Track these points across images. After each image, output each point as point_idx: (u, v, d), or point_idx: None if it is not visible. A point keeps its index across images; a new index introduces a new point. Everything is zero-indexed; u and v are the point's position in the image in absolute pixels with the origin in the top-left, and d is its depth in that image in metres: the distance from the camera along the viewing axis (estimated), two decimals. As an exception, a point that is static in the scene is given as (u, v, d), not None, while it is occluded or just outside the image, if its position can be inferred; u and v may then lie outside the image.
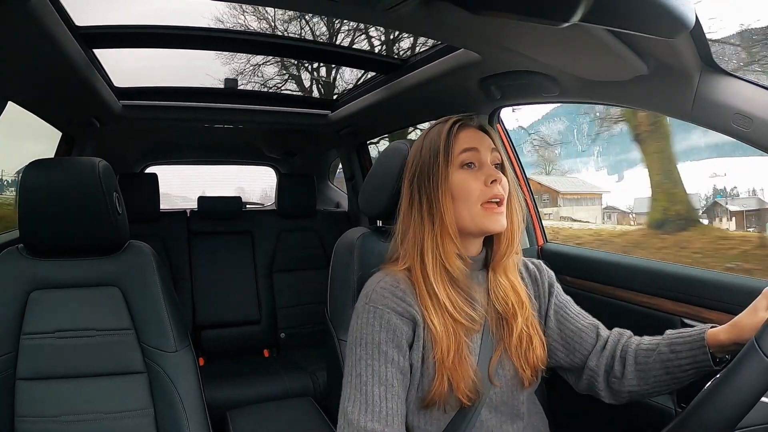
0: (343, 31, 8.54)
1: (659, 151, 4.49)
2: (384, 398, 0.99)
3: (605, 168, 6.43)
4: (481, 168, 1.09)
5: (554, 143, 6.98)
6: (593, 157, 6.52)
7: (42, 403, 1.40)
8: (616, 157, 6.30)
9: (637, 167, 5.97)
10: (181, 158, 4.17)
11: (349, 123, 2.83)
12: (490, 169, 1.09)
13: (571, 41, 1.20)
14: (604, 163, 6.43)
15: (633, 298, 1.65)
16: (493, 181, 1.07)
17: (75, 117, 2.32)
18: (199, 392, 1.48)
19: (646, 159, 4.68)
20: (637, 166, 5.93)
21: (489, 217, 1.07)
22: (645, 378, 1.10)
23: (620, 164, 6.25)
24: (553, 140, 6.99)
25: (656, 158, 4.54)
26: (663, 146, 4.46)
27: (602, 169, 6.43)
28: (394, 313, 1.03)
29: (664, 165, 4.50)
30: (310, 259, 3.30)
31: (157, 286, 1.51)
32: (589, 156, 6.54)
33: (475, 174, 1.08)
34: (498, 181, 1.07)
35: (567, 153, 7.00)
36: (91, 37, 1.72)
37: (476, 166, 1.09)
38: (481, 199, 1.07)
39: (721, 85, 1.22)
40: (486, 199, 1.07)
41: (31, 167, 1.41)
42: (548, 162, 6.88)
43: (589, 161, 6.62)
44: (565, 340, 1.20)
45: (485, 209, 1.07)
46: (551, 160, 6.92)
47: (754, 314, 0.98)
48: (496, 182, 1.07)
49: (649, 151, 4.61)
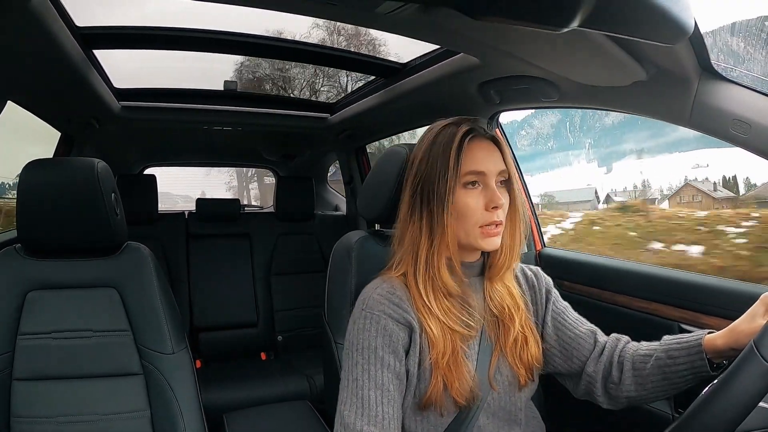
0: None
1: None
2: (380, 402, 0.99)
3: (596, 160, 6.49)
4: (484, 189, 1.08)
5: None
6: (584, 150, 6.57)
7: (38, 403, 1.40)
8: (607, 149, 6.38)
9: (625, 159, 6.09)
10: (179, 160, 4.17)
11: (348, 126, 2.84)
12: (494, 193, 1.07)
13: (570, 46, 1.20)
14: (595, 156, 6.50)
15: (631, 303, 1.65)
16: (494, 207, 1.06)
17: (74, 117, 2.32)
18: (196, 395, 1.48)
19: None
20: (626, 157, 6.07)
21: (484, 239, 1.07)
22: (642, 384, 1.10)
23: (610, 156, 6.34)
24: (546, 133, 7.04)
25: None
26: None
27: (593, 161, 6.48)
28: (390, 319, 1.04)
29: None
30: (307, 262, 3.30)
31: (154, 288, 1.51)
32: (581, 149, 6.59)
33: (478, 196, 1.07)
34: (499, 207, 1.06)
35: (560, 146, 7.07)
36: (91, 37, 1.73)
37: (479, 186, 1.08)
38: (479, 222, 1.07)
39: (720, 91, 1.22)
40: (484, 223, 1.06)
41: (29, 167, 1.40)
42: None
43: (580, 154, 6.68)
44: (562, 347, 1.20)
45: (482, 231, 1.07)
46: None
47: (751, 320, 0.99)
48: (497, 209, 1.06)
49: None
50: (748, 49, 1.42)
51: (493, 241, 1.08)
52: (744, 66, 1.28)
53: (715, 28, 1.36)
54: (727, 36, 1.42)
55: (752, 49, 1.41)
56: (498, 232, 1.08)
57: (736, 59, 1.37)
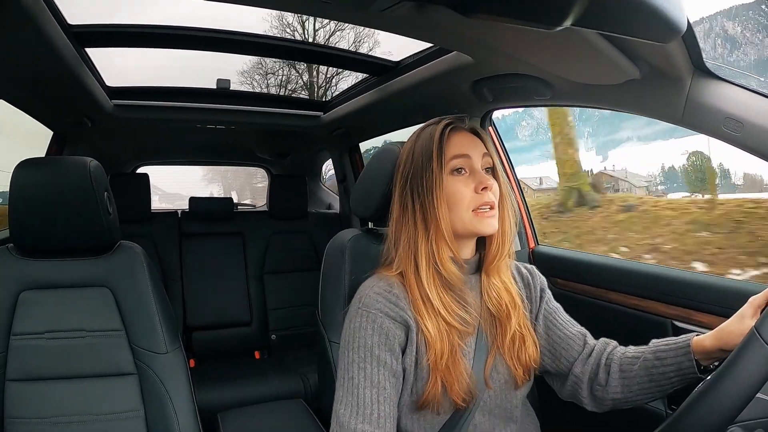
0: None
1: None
2: (375, 401, 0.99)
3: (594, 149, 6.55)
4: (471, 174, 1.09)
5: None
6: (584, 139, 6.62)
7: (32, 404, 1.39)
8: (605, 138, 6.44)
9: (621, 147, 6.18)
10: (172, 159, 4.15)
11: (341, 124, 2.84)
12: (481, 175, 1.08)
13: (564, 45, 1.20)
14: (594, 144, 6.56)
15: (624, 300, 1.66)
16: (484, 188, 1.07)
17: (66, 116, 2.31)
18: (190, 394, 1.48)
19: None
20: (622, 145, 6.16)
21: (481, 221, 1.07)
22: (629, 385, 1.11)
23: (607, 144, 6.41)
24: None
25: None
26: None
27: (591, 150, 6.54)
28: (386, 318, 1.04)
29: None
30: (301, 260, 3.29)
31: (147, 288, 1.50)
32: (580, 138, 6.64)
33: (466, 180, 1.08)
34: (488, 188, 1.07)
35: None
36: (83, 35, 1.71)
37: (467, 172, 1.09)
38: (471, 206, 1.07)
39: (712, 90, 1.23)
40: (477, 205, 1.07)
41: (21, 166, 1.39)
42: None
43: (579, 143, 6.75)
44: (552, 346, 1.21)
45: (476, 214, 1.07)
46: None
47: (740, 321, 1.00)
48: (487, 189, 1.07)
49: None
50: (745, 33, 1.43)
51: (489, 222, 1.08)
52: (741, 50, 1.29)
53: (712, 14, 1.38)
54: (724, 21, 1.43)
55: (749, 33, 1.42)
56: (493, 214, 1.08)
57: (733, 44, 1.38)
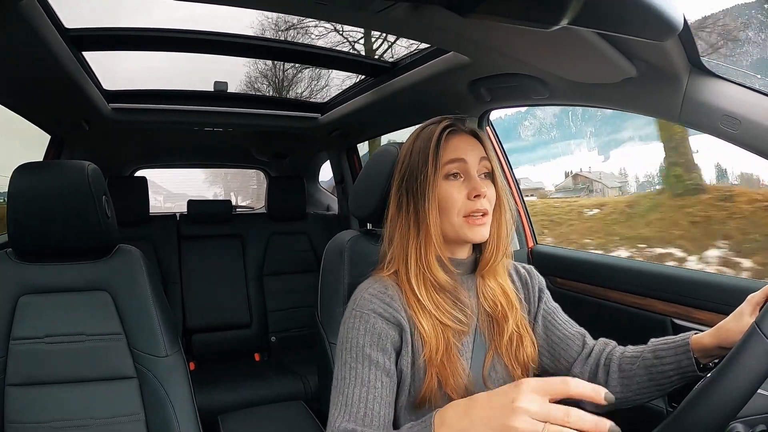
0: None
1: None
2: (363, 399, 0.98)
3: (596, 148, 6.56)
4: (466, 179, 1.08)
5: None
6: (586, 139, 6.63)
7: (32, 409, 1.39)
8: (607, 138, 6.45)
9: (622, 147, 6.17)
10: (170, 161, 4.15)
11: (338, 126, 2.84)
12: (476, 181, 1.08)
13: (561, 44, 1.21)
14: (596, 144, 6.57)
15: (623, 299, 1.66)
16: (477, 195, 1.06)
17: (64, 119, 2.31)
18: (190, 397, 1.47)
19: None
20: (622, 145, 6.15)
21: (470, 228, 1.07)
22: (628, 385, 1.11)
23: (609, 144, 6.42)
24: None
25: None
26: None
27: (593, 150, 6.54)
28: (379, 318, 1.03)
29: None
30: (300, 262, 3.29)
31: (146, 291, 1.50)
32: (582, 138, 6.64)
33: (459, 186, 1.08)
34: (482, 195, 1.07)
35: (562, 135, 7.14)
36: (80, 39, 1.71)
37: (461, 177, 1.09)
38: (463, 212, 1.07)
39: (710, 87, 1.23)
40: (468, 212, 1.07)
41: (19, 171, 1.39)
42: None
43: (581, 143, 6.75)
44: (551, 346, 1.21)
45: (467, 221, 1.07)
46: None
47: (739, 319, 1.00)
48: (480, 197, 1.07)
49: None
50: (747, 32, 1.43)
51: (479, 230, 1.07)
52: (743, 49, 1.29)
53: (714, 12, 1.38)
54: (725, 19, 1.43)
55: (751, 32, 1.43)
56: (483, 222, 1.08)
57: (734, 42, 1.38)
